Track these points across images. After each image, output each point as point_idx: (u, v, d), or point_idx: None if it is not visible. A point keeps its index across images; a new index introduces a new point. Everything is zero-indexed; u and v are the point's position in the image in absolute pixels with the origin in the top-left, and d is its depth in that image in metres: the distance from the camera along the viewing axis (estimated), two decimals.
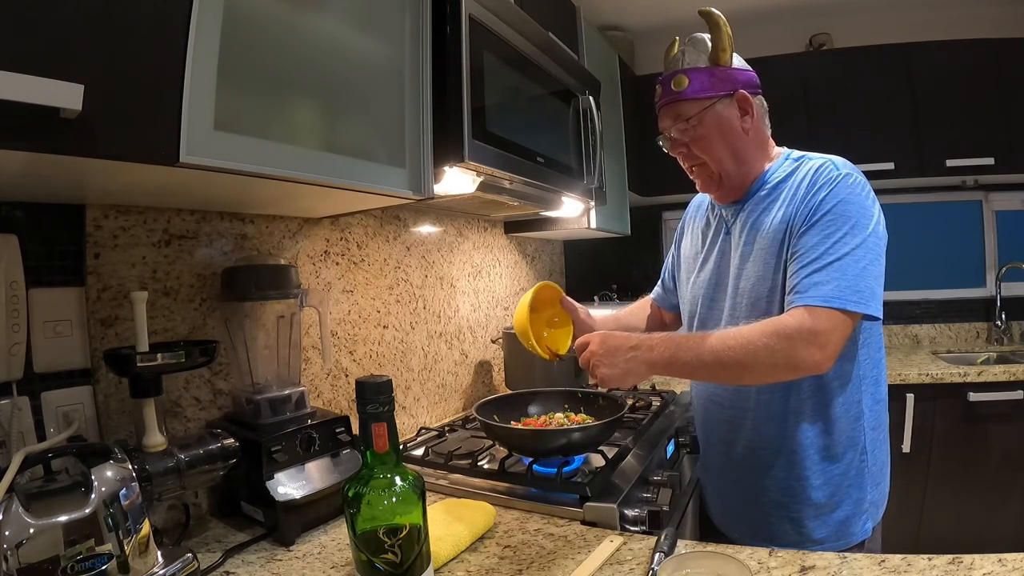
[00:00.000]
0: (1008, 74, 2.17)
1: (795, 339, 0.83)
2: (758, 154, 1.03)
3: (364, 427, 0.62)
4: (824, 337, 0.83)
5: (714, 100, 0.98)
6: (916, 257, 2.57)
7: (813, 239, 0.89)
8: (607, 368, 0.92)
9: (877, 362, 1.01)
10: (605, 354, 0.93)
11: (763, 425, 1.01)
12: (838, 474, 0.97)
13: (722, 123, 0.99)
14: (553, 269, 2.62)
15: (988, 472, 1.99)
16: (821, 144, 1.13)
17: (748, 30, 2.62)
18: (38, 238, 0.83)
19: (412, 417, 1.56)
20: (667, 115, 1.03)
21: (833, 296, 0.84)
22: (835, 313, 0.84)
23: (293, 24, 0.78)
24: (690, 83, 0.98)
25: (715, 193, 1.08)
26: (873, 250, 0.88)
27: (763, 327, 0.87)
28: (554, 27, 1.59)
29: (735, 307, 1.02)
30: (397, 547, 0.61)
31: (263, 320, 1.03)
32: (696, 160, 1.04)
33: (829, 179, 0.92)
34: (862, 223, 0.88)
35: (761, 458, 1.01)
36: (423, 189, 1.01)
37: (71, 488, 0.68)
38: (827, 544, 0.95)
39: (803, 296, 0.87)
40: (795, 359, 0.84)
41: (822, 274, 0.86)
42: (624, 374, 0.92)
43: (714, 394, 1.10)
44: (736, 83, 0.99)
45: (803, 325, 0.84)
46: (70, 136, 0.55)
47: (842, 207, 0.89)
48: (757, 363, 0.85)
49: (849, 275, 0.85)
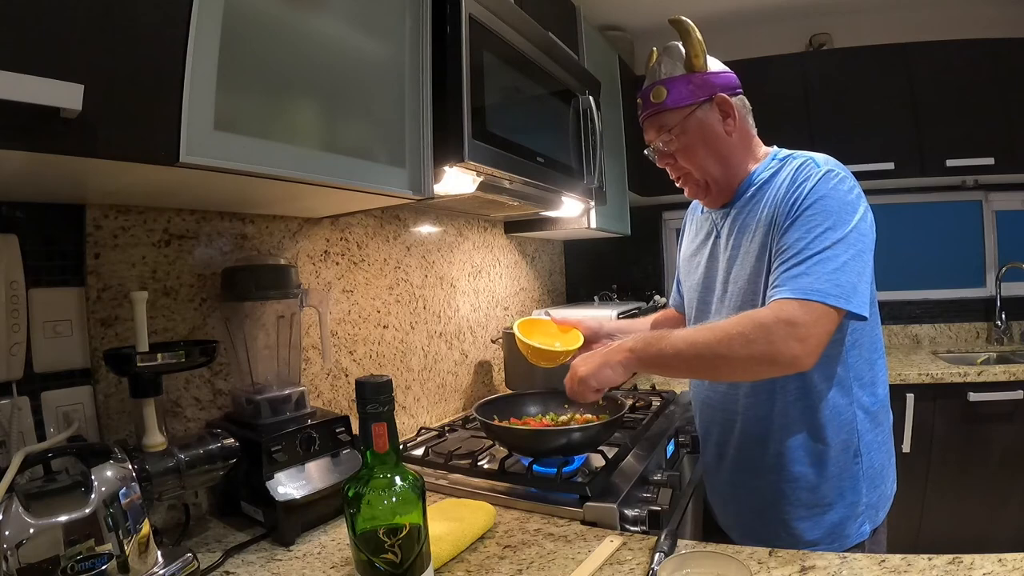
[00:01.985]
0: (1008, 74, 2.17)
1: (772, 330, 0.81)
2: (744, 156, 1.03)
3: (364, 427, 0.62)
4: (804, 330, 0.80)
5: (694, 107, 0.99)
6: (916, 257, 2.57)
7: (793, 236, 0.88)
8: (584, 366, 0.95)
9: (872, 364, 0.99)
10: (583, 359, 0.97)
11: (752, 427, 1.01)
12: (830, 477, 0.96)
13: (704, 129, 0.99)
14: (553, 269, 2.62)
15: (988, 472, 1.99)
16: (821, 144, 1.13)
17: (748, 30, 2.64)
18: (38, 238, 0.83)
19: (412, 417, 1.56)
20: (650, 128, 1.04)
21: (811, 289, 0.82)
22: (814, 305, 0.81)
23: (293, 24, 0.78)
24: (668, 93, 0.99)
25: (704, 200, 1.08)
26: (855, 246, 0.85)
27: (739, 318, 0.86)
28: (554, 27, 1.59)
29: (725, 309, 1.02)
30: (397, 547, 0.61)
31: (263, 320, 1.03)
32: (683, 170, 1.05)
33: (809, 176, 0.92)
34: (843, 218, 0.87)
35: (752, 460, 1.02)
36: (423, 189, 1.01)
37: (71, 488, 0.68)
38: (821, 546, 0.94)
39: (781, 289, 0.85)
40: (772, 351, 0.81)
41: (800, 268, 0.85)
42: (602, 364, 0.93)
43: (708, 396, 1.10)
44: (714, 87, 0.99)
45: (780, 316, 0.82)
46: (70, 136, 0.55)
47: (822, 203, 0.88)
48: (732, 354, 0.83)
49: (828, 269, 0.83)
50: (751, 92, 1.05)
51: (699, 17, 0.99)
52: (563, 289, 2.75)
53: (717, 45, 2.41)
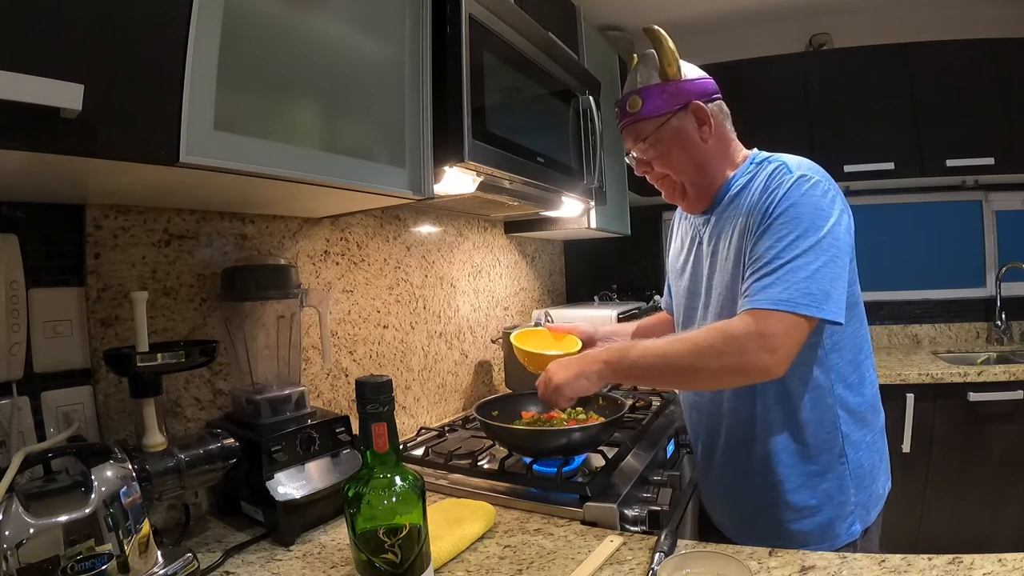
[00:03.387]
0: (1008, 74, 2.17)
1: (743, 341, 0.82)
2: (721, 161, 1.03)
3: (364, 427, 0.62)
4: (774, 341, 0.81)
5: (668, 115, 0.99)
6: (916, 257, 2.56)
7: (764, 244, 0.88)
8: (561, 373, 0.96)
9: (857, 365, 0.98)
10: (559, 368, 0.98)
11: (736, 430, 1.01)
12: (815, 477, 0.96)
13: (681, 137, 1.00)
14: (553, 269, 2.62)
15: (988, 472, 1.99)
16: (821, 144, 1.13)
17: (748, 30, 2.64)
18: (38, 238, 0.83)
19: (412, 417, 1.56)
20: (628, 136, 1.05)
21: (781, 299, 0.82)
22: (784, 316, 0.82)
23: (293, 24, 0.78)
24: (643, 103, 1.00)
25: (682, 204, 1.08)
26: (828, 252, 0.85)
27: (710, 330, 0.87)
28: (554, 27, 1.59)
29: (708, 317, 1.02)
30: (397, 547, 0.61)
31: (263, 320, 1.03)
32: (659, 176, 1.05)
33: (781, 183, 0.91)
34: (816, 224, 0.86)
35: (739, 462, 1.02)
36: (423, 189, 1.01)
37: (71, 488, 0.68)
38: (811, 545, 0.93)
39: (751, 300, 0.85)
40: (743, 363, 0.82)
41: (771, 278, 0.85)
42: (578, 375, 0.95)
43: (695, 400, 1.11)
44: (689, 95, 0.99)
45: (749, 328, 0.82)
46: (70, 136, 0.55)
47: (794, 210, 0.87)
48: (704, 365, 0.85)
49: (799, 277, 0.83)
50: (751, 92, 1.05)
51: (699, 17, 1.00)
52: (563, 289, 2.75)
53: (717, 45, 2.42)
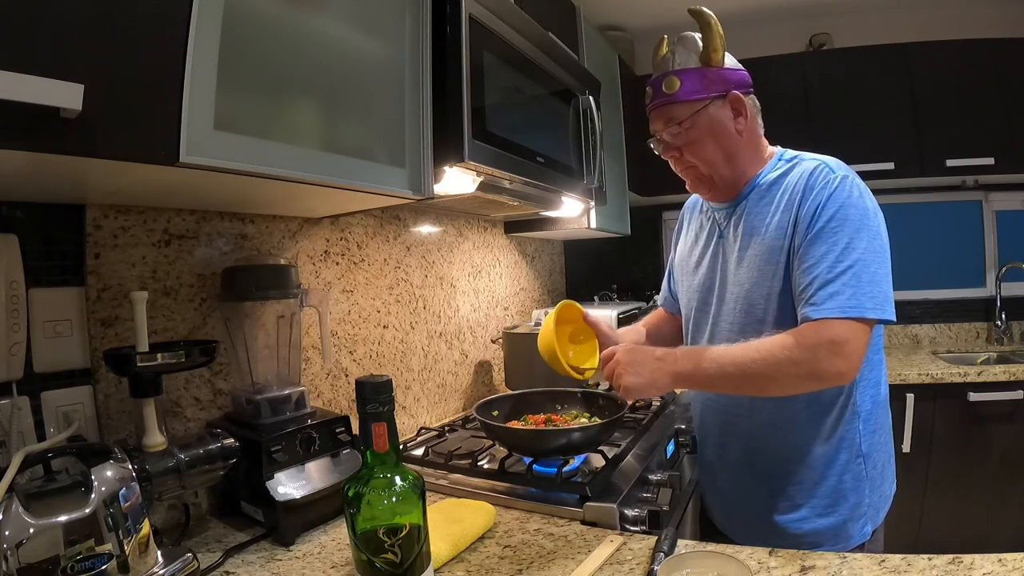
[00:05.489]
0: (1008, 74, 2.17)
1: (818, 350, 0.83)
2: (751, 156, 1.02)
3: (364, 427, 0.62)
4: (847, 347, 0.83)
5: (707, 102, 0.96)
6: (916, 257, 2.57)
7: (820, 249, 0.88)
8: (632, 377, 0.92)
9: (875, 364, 1.00)
10: (630, 364, 0.93)
11: (757, 430, 1.01)
12: (833, 478, 0.96)
13: (715, 125, 0.98)
14: (553, 269, 2.62)
15: (988, 472, 1.99)
16: (821, 144, 1.13)
17: (748, 30, 2.64)
18: (38, 238, 0.83)
19: (412, 417, 1.56)
20: (658, 118, 1.01)
21: (850, 306, 0.84)
22: (853, 322, 0.84)
23: (293, 24, 0.78)
24: (682, 85, 0.96)
25: (706, 194, 1.07)
26: (880, 253, 0.88)
27: (783, 340, 0.86)
28: (554, 27, 1.59)
29: (728, 311, 1.02)
30: (397, 547, 0.61)
31: (263, 320, 1.03)
32: (687, 164, 1.02)
33: (826, 183, 0.91)
34: (865, 226, 0.87)
35: (755, 462, 1.02)
36: (423, 189, 1.01)
37: (71, 488, 0.68)
38: (824, 547, 0.94)
39: (819, 308, 0.86)
40: (820, 370, 0.83)
41: (835, 284, 0.85)
42: (649, 384, 0.92)
43: (708, 398, 1.10)
44: (729, 83, 0.97)
45: (823, 336, 0.83)
46: (70, 136, 0.55)
47: (843, 212, 0.88)
48: (780, 375, 0.85)
49: (863, 282, 0.85)
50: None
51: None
52: (563, 289, 2.75)
53: None
